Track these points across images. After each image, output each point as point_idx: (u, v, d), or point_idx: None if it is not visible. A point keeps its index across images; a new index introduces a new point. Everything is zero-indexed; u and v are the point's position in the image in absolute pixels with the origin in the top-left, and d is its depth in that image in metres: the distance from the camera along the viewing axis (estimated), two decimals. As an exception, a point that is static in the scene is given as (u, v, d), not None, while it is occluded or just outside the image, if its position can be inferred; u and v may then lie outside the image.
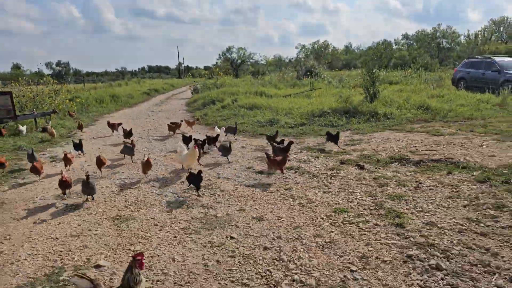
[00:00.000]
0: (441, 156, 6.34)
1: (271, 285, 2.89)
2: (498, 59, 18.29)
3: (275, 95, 16.03)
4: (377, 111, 10.84)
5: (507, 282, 2.74)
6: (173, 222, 4.20)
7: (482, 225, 3.69)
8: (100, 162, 6.09)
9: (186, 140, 7.90)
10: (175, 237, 3.81)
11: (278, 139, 7.63)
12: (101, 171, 6.23)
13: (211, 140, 7.89)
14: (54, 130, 9.44)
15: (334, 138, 7.40)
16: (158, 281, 3.02)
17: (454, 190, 4.69)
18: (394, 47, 68.87)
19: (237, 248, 3.52)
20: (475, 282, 2.79)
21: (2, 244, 3.77)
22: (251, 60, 63.12)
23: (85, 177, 4.83)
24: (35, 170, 5.80)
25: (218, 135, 8.17)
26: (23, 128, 9.80)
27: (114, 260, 3.37)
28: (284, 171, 5.79)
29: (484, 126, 8.74)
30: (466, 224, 3.73)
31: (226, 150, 6.80)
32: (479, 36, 67.90)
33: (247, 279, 2.99)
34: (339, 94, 13.74)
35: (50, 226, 4.20)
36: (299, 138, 8.79)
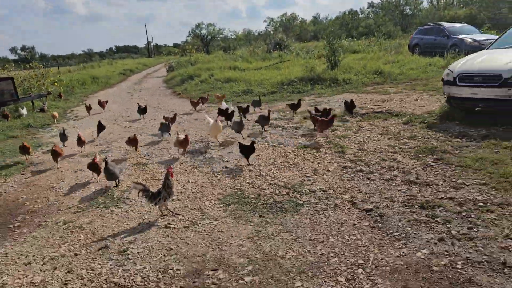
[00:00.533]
0: (382, 109, 8.07)
1: (255, 187, 4.51)
2: (447, 25, 20.25)
3: (247, 69, 17.46)
4: (337, 77, 12.51)
5: (400, 173, 4.46)
6: (181, 162, 5.76)
7: (396, 148, 5.42)
8: (55, 154, 5.78)
9: (223, 113, 7.91)
10: (185, 170, 5.38)
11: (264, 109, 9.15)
12: (57, 163, 5.93)
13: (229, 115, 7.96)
14: (56, 113, 10.48)
15: (295, 106, 8.61)
16: (181, 191, 4.59)
17: (384, 130, 6.41)
18: (360, 15, 70.66)
19: (230, 171, 5.12)
20: (381, 175, 4.49)
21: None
22: (220, 36, 63.66)
23: (103, 163, 4.78)
24: (55, 154, 5.69)
25: (233, 111, 8.10)
26: (24, 110, 10.92)
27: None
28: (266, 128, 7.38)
29: (425, 85, 10.53)
30: (386, 147, 5.46)
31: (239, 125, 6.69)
32: (441, 1, 70.35)
33: (240, 186, 4.60)
34: (306, 64, 15.31)
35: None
36: (271, 103, 10.36)
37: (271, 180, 4.68)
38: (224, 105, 9.06)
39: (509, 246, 2.83)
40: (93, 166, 5.04)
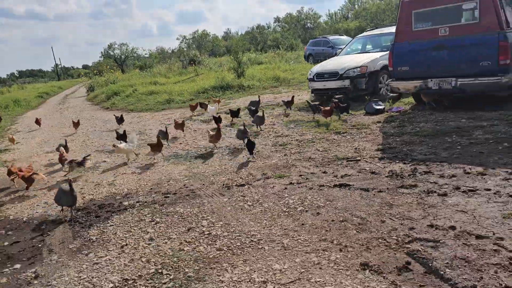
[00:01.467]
0: (274, 102, 11.06)
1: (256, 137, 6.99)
2: (331, 37, 24.54)
3: (167, 83, 19.76)
4: (243, 84, 15.45)
5: (274, 133, 7.29)
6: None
7: (275, 121, 8.29)
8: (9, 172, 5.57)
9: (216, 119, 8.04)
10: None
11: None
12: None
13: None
14: (13, 136, 10.75)
15: (290, 103, 10.82)
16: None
17: (271, 114, 9.31)
18: (267, 30, 76.14)
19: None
20: (266, 135, 7.28)
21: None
22: (134, 55, 64.40)
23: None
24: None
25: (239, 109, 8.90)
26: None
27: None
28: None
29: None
30: (269, 122, 8.30)
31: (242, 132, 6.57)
32: (338, 14, 78.51)
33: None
34: (218, 76, 18.07)
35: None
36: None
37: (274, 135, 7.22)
38: (211, 109, 9.65)
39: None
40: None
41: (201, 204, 4.25)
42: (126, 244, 3.51)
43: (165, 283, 2.82)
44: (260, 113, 7.87)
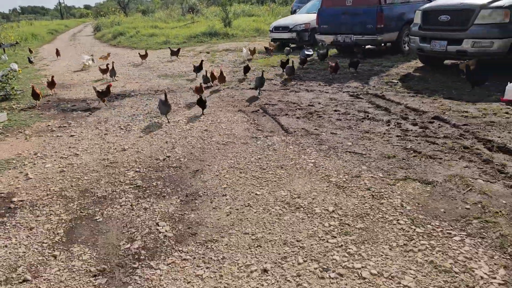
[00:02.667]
0: (231, 48, 14.32)
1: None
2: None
3: (166, 27, 22.74)
4: (228, 33, 18.57)
5: (239, 74, 10.70)
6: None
7: (236, 59, 11.67)
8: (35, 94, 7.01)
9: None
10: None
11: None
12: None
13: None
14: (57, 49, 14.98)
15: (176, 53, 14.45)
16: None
17: (237, 57, 12.65)
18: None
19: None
20: (232, 72, 10.69)
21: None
22: (138, -1, 65.63)
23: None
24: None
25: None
26: (5, 56, 15.35)
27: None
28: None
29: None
30: (231, 60, 11.68)
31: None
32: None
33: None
34: (208, 24, 21.06)
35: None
36: (184, 47, 16.14)
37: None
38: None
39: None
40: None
41: (175, 95, 7.77)
42: (132, 106, 7.07)
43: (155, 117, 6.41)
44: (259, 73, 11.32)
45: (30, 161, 4.64)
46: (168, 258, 2.75)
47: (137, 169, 4.27)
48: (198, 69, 9.09)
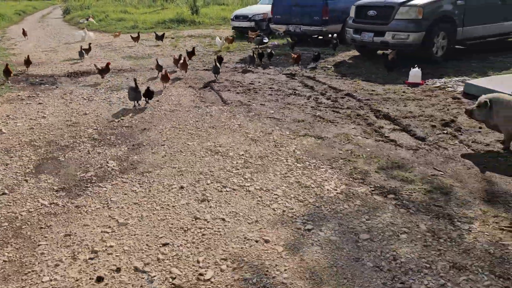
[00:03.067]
0: (195, 35, 15.19)
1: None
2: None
3: (135, 13, 23.22)
4: (195, 20, 19.35)
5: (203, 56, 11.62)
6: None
7: (201, 44, 12.58)
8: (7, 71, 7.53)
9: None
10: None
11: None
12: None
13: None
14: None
15: (161, 37, 15.25)
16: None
17: (201, 41, 13.53)
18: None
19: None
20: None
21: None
22: (109, -18, 64.59)
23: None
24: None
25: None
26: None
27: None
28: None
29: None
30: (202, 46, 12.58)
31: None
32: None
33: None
34: (177, 11, 21.71)
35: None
36: (150, 32, 16.82)
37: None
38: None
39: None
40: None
41: (136, 73, 8.63)
42: (96, 82, 7.90)
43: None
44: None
45: (3, 121, 5.47)
46: (113, 181, 3.74)
47: (95, 128, 5.20)
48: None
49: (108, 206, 3.30)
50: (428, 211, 3.10)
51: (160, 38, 12.91)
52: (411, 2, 7.95)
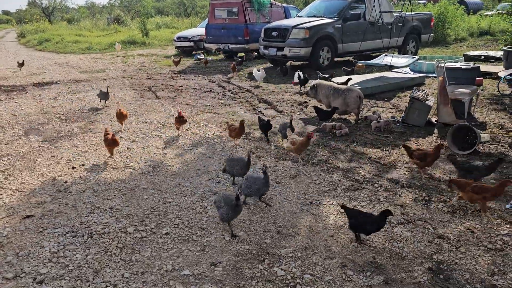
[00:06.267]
0: (144, 54, 17.57)
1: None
2: None
3: (90, 36, 25.22)
4: (145, 41, 21.71)
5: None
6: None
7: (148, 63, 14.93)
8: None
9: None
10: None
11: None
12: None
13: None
14: None
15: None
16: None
17: (145, 60, 15.89)
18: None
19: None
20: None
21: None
22: (63, 7, 65.72)
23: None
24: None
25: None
26: None
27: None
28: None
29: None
30: (146, 62, 14.91)
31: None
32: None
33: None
34: (129, 34, 23.97)
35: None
36: (104, 52, 18.94)
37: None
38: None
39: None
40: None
41: (91, 83, 10.84)
42: (58, 88, 10.07)
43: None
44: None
45: (-8, 112, 7.56)
46: (77, 137, 6.01)
47: (62, 114, 7.42)
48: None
49: (75, 147, 5.59)
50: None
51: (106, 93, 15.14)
52: (300, 26, 10.79)
